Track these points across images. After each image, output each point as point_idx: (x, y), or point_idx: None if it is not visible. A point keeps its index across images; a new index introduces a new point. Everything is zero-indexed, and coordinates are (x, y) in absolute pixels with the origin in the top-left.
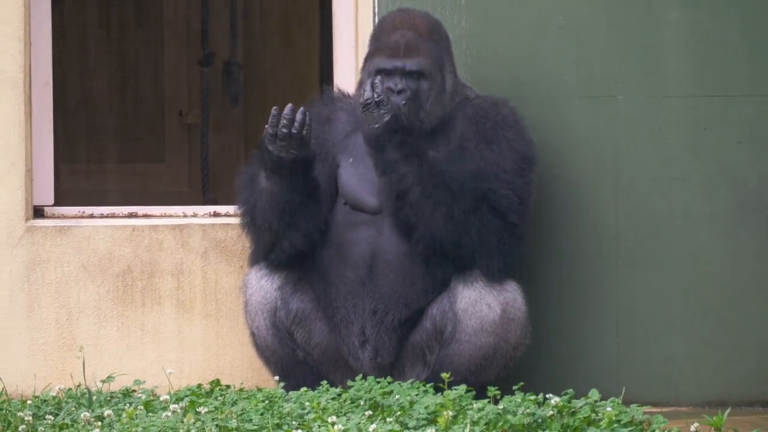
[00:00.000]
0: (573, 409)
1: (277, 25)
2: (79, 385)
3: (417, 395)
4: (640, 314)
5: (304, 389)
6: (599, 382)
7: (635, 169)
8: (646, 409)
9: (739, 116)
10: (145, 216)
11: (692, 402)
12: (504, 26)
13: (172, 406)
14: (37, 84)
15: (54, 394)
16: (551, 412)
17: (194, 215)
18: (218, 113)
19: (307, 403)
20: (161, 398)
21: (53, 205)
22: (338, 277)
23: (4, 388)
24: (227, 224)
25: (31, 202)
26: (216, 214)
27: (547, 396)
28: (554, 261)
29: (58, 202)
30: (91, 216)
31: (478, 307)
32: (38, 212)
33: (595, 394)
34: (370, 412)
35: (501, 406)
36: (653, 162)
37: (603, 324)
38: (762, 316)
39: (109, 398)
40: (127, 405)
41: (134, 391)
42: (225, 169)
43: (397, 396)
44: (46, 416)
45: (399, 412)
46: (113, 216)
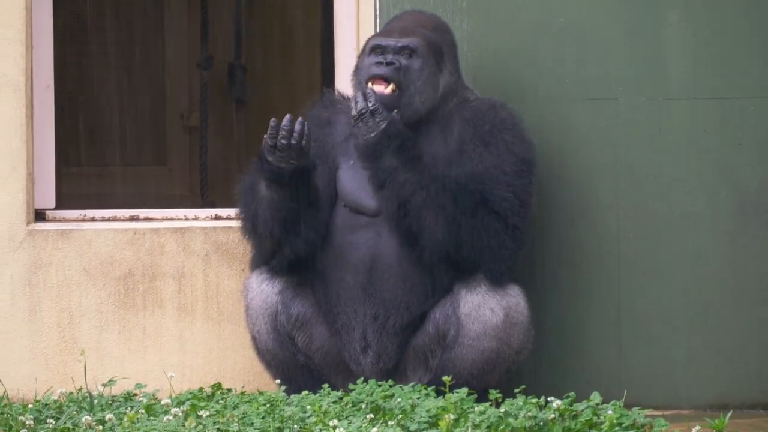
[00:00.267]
0: (575, 413)
1: (278, 28)
2: (81, 389)
3: (418, 398)
4: (640, 316)
5: (306, 393)
6: (600, 385)
7: (636, 171)
8: (647, 412)
9: (740, 119)
10: (147, 219)
11: (693, 404)
12: (505, 28)
13: (174, 410)
14: (38, 87)
15: (55, 398)
16: (553, 416)
17: (196, 218)
18: (219, 116)
19: (308, 407)
20: (163, 402)
21: (55, 209)
22: (338, 282)
23: (5, 391)
24: (228, 227)
25: (32, 205)
26: (217, 217)
27: (548, 399)
28: (555, 263)
29: (59, 206)
30: (93, 219)
31: (481, 311)
32: (40, 216)
33: (596, 397)
34: (372, 416)
35: (503, 409)
36: (654, 164)
37: (604, 326)
38: (763, 319)
39: (110, 402)
40: (129, 409)
41: (135, 394)
42: (227, 171)
43: (399, 399)
44: (48, 420)
45: (400, 416)
46: (115, 219)
